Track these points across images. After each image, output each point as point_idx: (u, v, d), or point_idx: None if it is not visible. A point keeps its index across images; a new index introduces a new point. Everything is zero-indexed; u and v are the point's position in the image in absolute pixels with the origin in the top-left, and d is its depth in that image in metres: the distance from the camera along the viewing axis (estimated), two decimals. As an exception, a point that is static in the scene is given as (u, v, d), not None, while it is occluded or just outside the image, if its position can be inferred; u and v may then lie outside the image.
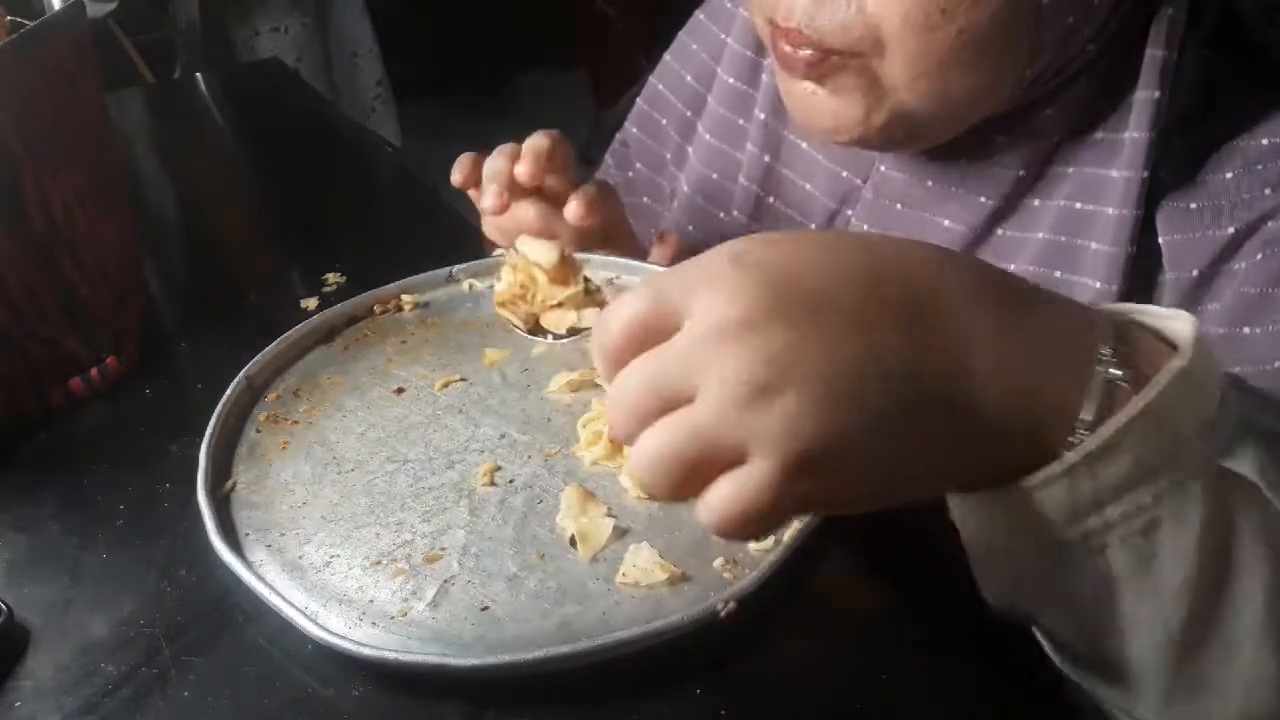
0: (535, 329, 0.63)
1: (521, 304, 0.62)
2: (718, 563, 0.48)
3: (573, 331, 0.62)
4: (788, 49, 0.54)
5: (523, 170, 0.68)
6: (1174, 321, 0.39)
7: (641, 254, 0.71)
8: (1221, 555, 0.37)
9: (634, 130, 0.86)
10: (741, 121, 0.74)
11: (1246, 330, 0.52)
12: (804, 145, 0.70)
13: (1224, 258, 0.53)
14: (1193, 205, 0.54)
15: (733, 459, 0.33)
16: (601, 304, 0.62)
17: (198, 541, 0.51)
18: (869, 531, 0.50)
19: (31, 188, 0.58)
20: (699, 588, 0.47)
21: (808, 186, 0.69)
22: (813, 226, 0.69)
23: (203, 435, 0.56)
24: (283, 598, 0.47)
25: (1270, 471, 0.38)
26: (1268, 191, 0.52)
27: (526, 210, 0.70)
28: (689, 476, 0.34)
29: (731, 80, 0.75)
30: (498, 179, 0.68)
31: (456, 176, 0.72)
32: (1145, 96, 0.54)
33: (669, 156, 0.83)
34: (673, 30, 0.83)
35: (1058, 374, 0.37)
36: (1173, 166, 0.54)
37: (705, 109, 0.78)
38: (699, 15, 0.81)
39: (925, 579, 0.49)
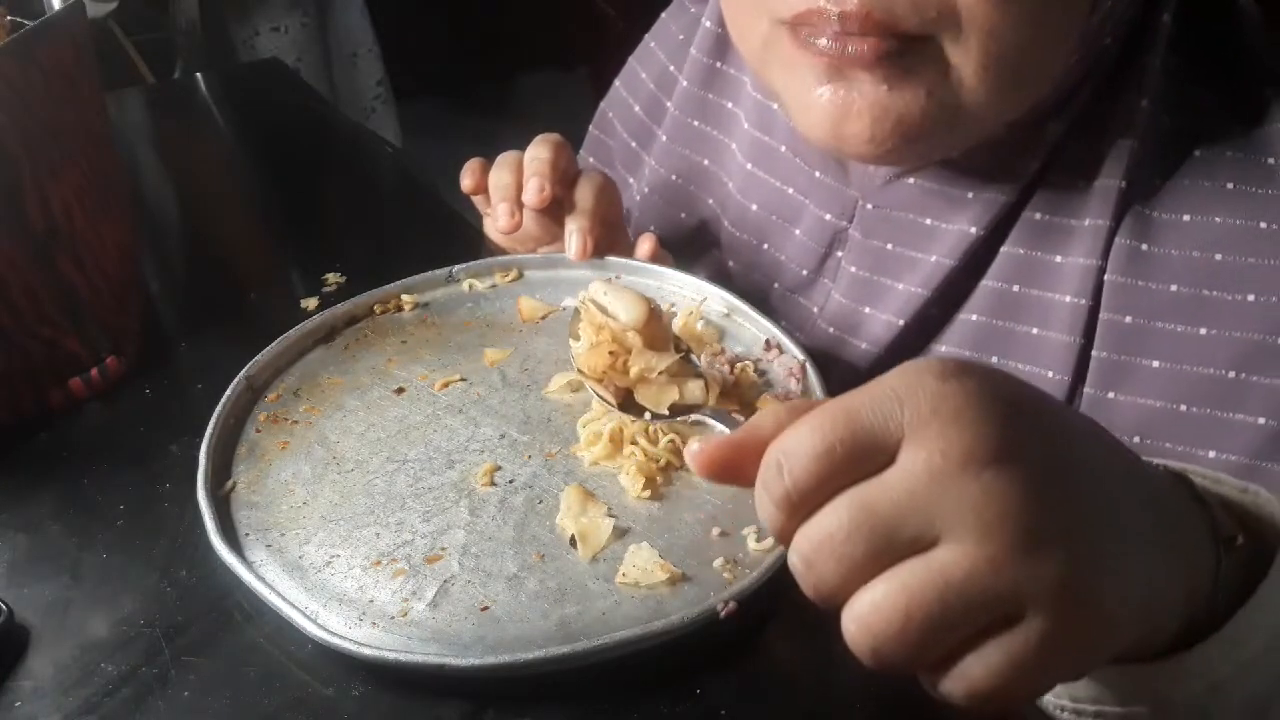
0: (627, 403, 0.53)
1: (612, 375, 0.53)
2: (718, 563, 0.48)
3: (675, 410, 0.52)
4: (836, 46, 0.48)
5: (531, 197, 0.67)
6: (1247, 495, 0.39)
7: (630, 251, 0.71)
8: None
9: (589, 159, 0.87)
10: (707, 161, 0.74)
11: (1184, 408, 0.52)
12: (790, 190, 0.68)
13: (1164, 315, 0.53)
14: (1144, 247, 0.53)
15: (995, 617, 0.29)
16: (703, 377, 0.52)
17: (198, 541, 0.51)
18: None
19: (31, 188, 0.58)
20: (699, 588, 0.47)
21: (796, 232, 0.67)
22: (804, 272, 0.67)
23: (203, 435, 0.56)
24: (283, 598, 0.47)
25: None
26: (1218, 257, 0.51)
27: (529, 224, 0.70)
28: (937, 637, 0.29)
29: (694, 115, 0.75)
30: (507, 197, 0.69)
31: (466, 182, 0.72)
32: (1133, 105, 0.53)
33: (621, 165, 0.84)
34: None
35: (1193, 528, 0.36)
36: (1142, 178, 0.53)
37: (655, 144, 0.78)
38: (649, 41, 0.81)
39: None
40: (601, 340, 0.53)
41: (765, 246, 0.70)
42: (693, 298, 0.65)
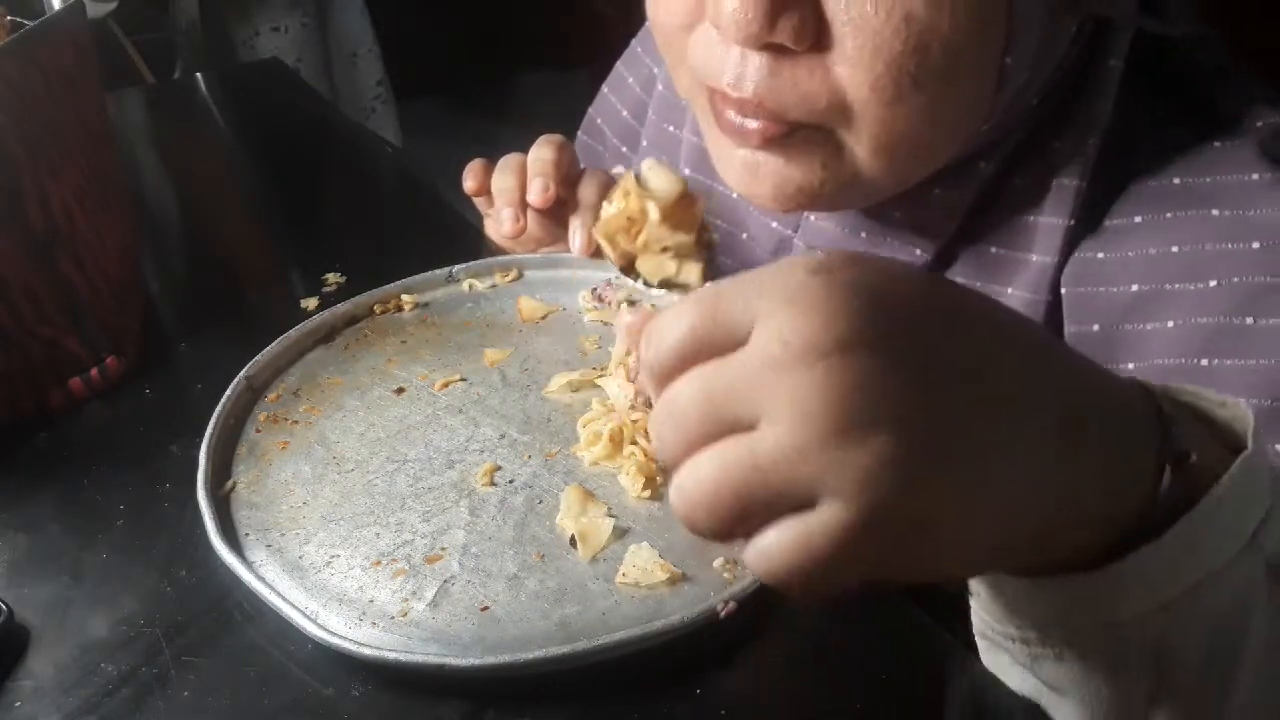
0: (628, 269, 0.54)
1: (622, 238, 0.53)
2: (718, 563, 0.48)
3: (665, 284, 0.53)
4: (737, 119, 0.50)
5: (535, 197, 0.67)
6: (1225, 409, 0.38)
7: None
8: (1274, 652, 0.37)
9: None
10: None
11: None
12: (735, 195, 0.69)
13: (1130, 317, 0.52)
14: (1100, 255, 0.53)
15: (800, 501, 0.29)
16: (708, 262, 0.53)
17: (198, 541, 0.51)
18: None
19: (31, 188, 0.58)
20: (699, 588, 0.47)
21: (744, 236, 0.67)
22: None
23: (203, 435, 0.56)
24: (283, 598, 0.47)
25: None
26: (1174, 249, 0.51)
27: (532, 225, 0.70)
28: (743, 514, 0.30)
29: (667, 127, 0.74)
30: (511, 201, 0.68)
31: (469, 183, 0.72)
32: (1081, 146, 0.53)
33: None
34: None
35: (1130, 438, 0.35)
36: (1085, 208, 0.53)
37: (640, 150, 0.78)
38: (635, 47, 0.81)
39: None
40: (625, 206, 0.53)
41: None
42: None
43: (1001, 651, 0.42)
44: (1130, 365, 0.53)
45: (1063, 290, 0.54)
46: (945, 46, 0.45)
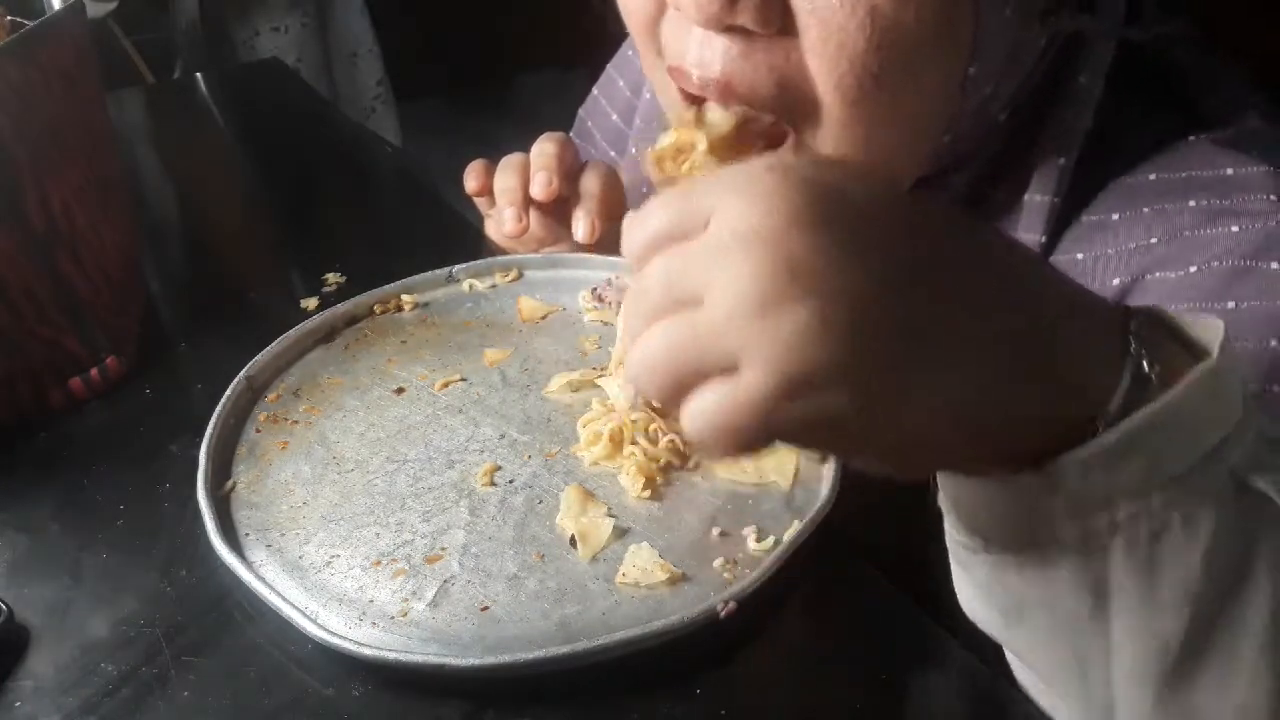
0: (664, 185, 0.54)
1: (670, 165, 0.53)
2: (718, 563, 0.48)
3: None
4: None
5: (538, 190, 0.68)
6: (1200, 328, 0.37)
7: None
8: (1230, 572, 0.36)
9: None
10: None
11: None
12: None
13: None
14: (1079, 256, 0.53)
15: (726, 369, 0.32)
16: None
17: (198, 541, 0.51)
18: (868, 531, 0.50)
19: (31, 188, 0.58)
20: (699, 588, 0.47)
21: None
22: None
23: (203, 435, 0.56)
24: (283, 598, 0.47)
25: None
26: (1154, 240, 0.51)
27: (534, 225, 0.70)
28: (679, 380, 0.33)
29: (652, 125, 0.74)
30: (513, 200, 0.68)
31: (471, 184, 0.72)
32: (1052, 162, 0.53)
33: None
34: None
35: (1089, 352, 0.35)
36: (1060, 220, 0.53)
37: (627, 151, 0.78)
38: (626, 50, 0.81)
39: (925, 578, 0.49)
40: (678, 137, 0.53)
41: None
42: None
43: (968, 574, 0.41)
44: None
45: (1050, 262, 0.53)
46: (909, 45, 0.45)
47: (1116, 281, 0.52)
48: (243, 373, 0.60)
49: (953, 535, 0.40)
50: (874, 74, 0.46)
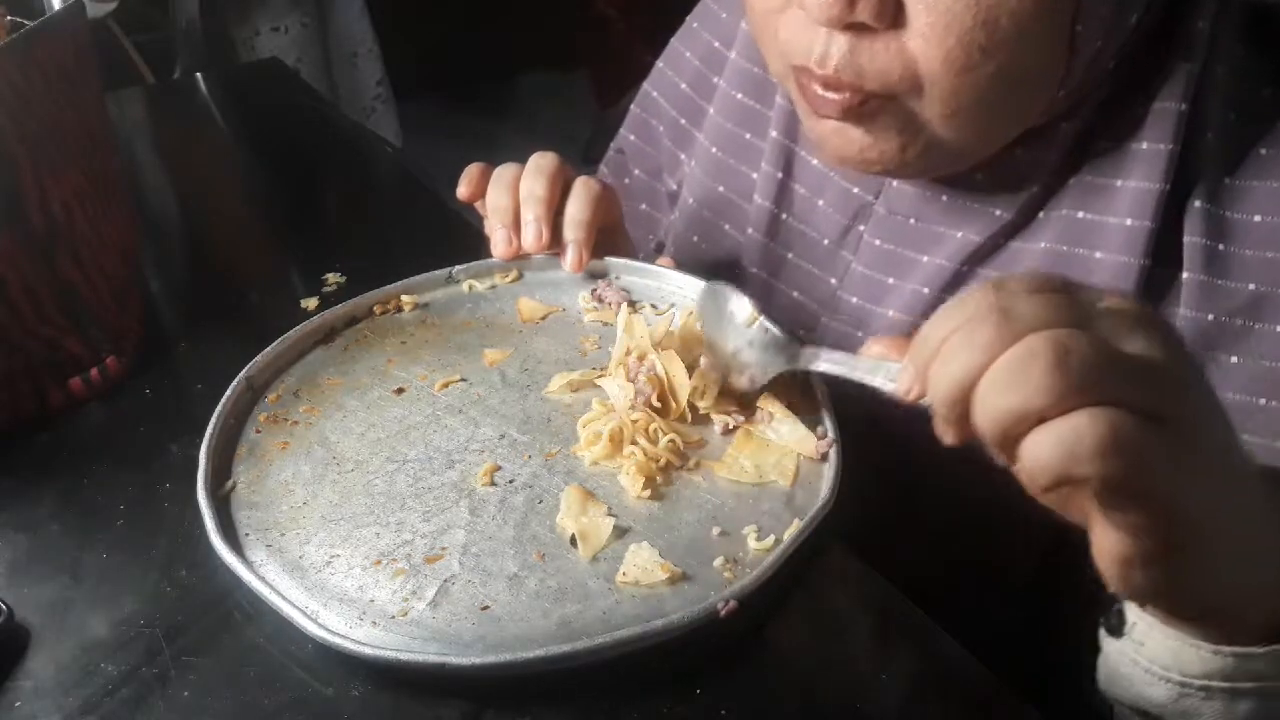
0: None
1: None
2: (718, 562, 0.48)
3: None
4: (821, 92, 0.54)
5: (529, 243, 0.68)
6: None
7: (631, 251, 0.71)
8: None
9: (630, 137, 0.87)
10: (750, 136, 0.74)
11: (1263, 401, 0.52)
12: (815, 161, 0.69)
13: (1242, 313, 0.53)
14: (1220, 246, 0.53)
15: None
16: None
17: (198, 541, 0.51)
18: (868, 531, 0.50)
19: (31, 188, 0.58)
20: (699, 587, 0.47)
21: (820, 202, 0.69)
22: (825, 242, 0.68)
23: (203, 435, 0.56)
24: (283, 598, 0.47)
25: None
26: None
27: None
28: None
29: (739, 96, 0.74)
30: (505, 222, 0.69)
31: (463, 190, 0.72)
32: (1169, 108, 0.53)
33: (663, 161, 0.83)
34: (673, 30, 0.83)
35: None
36: (1204, 176, 0.54)
37: (706, 120, 0.77)
38: (691, 23, 0.81)
39: (925, 578, 0.49)
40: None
41: (785, 217, 0.71)
42: (691, 298, 0.65)
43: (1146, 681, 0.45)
44: (1234, 359, 0.54)
45: (1184, 276, 0.54)
46: (1013, 18, 0.48)
47: (1251, 287, 0.53)
48: (243, 373, 0.60)
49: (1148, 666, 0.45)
50: (981, 46, 0.49)
